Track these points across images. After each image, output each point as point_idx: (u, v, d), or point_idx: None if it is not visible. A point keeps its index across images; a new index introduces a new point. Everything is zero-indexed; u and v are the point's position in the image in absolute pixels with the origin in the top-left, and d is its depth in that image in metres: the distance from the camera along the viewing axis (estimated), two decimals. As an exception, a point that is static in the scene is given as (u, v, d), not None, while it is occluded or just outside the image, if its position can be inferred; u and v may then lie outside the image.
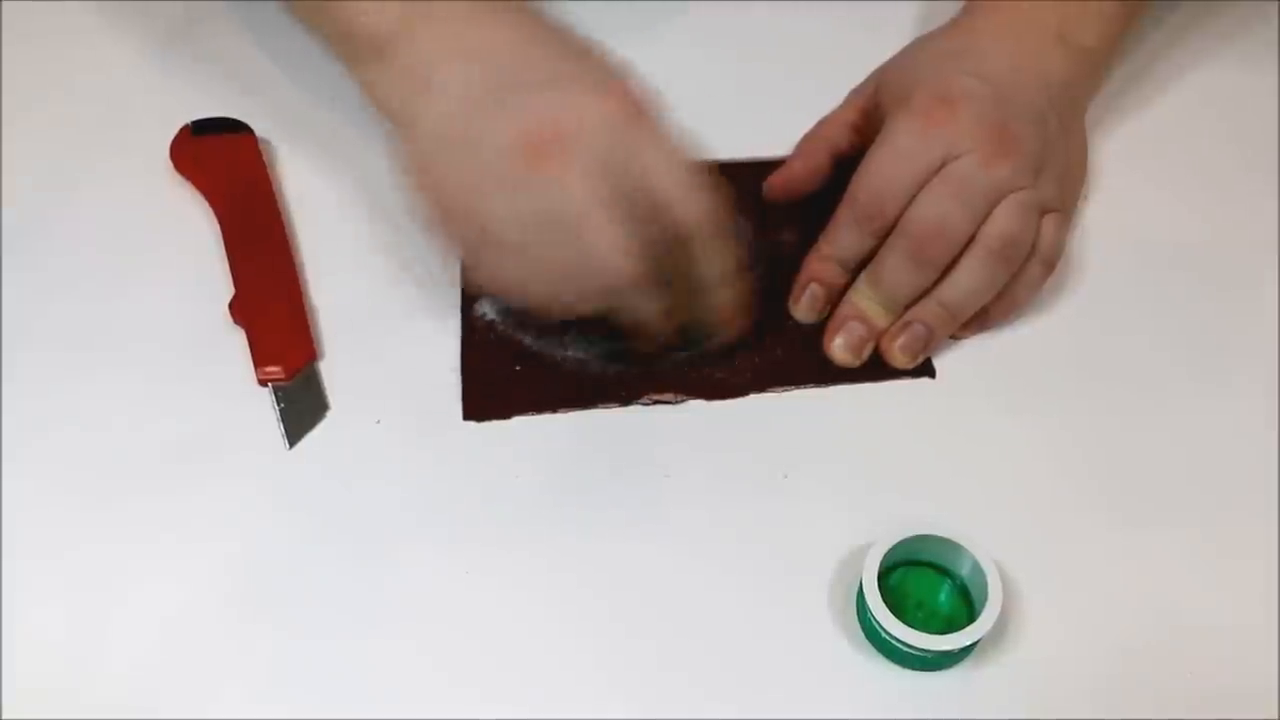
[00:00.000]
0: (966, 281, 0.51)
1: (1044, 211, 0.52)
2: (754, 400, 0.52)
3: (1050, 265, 0.53)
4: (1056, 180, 0.53)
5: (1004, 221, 0.50)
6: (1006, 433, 0.51)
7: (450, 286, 0.55)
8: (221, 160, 0.58)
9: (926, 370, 0.53)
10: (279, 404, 0.52)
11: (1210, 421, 0.51)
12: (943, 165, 0.50)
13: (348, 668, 0.47)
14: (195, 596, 0.48)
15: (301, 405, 0.52)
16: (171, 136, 0.58)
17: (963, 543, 0.46)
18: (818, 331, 0.53)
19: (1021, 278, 0.52)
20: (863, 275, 0.52)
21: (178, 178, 0.58)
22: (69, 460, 0.51)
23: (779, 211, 0.56)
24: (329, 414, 0.52)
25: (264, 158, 0.58)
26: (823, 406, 0.52)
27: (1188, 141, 0.59)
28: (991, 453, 0.51)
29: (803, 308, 0.54)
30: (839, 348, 0.53)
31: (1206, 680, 0.46)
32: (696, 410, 0.52)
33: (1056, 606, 0.47)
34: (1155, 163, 0.58)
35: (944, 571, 0.48)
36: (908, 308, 0.52)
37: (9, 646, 0.47)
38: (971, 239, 0.51)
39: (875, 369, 0.53)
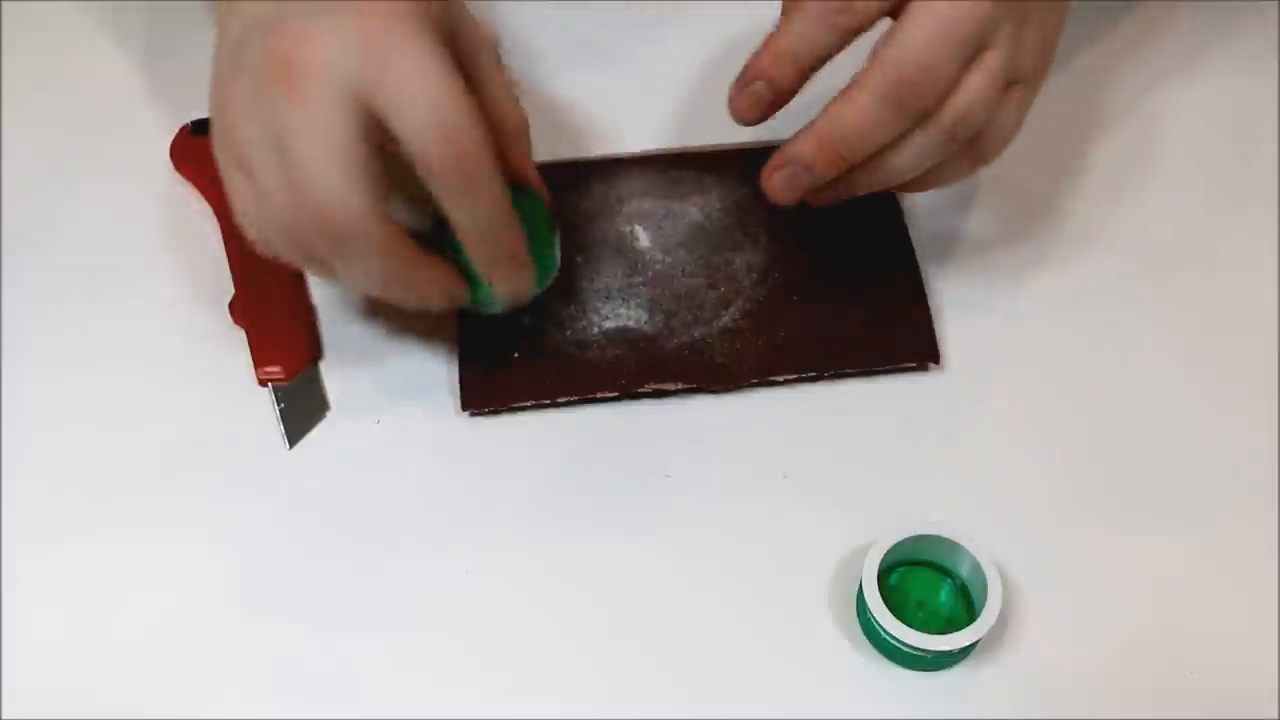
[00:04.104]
0: (911, 159, 0.46)
1: (1012, 82, 0.46)
2: (754, 398, 0.52)
3: (988, 160, 0.47)
4: (1039, 39, 0.46)
5: (970, 98, 0.44)
6: (1007, 433, 0.51)
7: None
8: (221, 160, 0.58)
9: (932, 357, 0.52)
10: (279, 404, 0.52)
11: (1211, 422, 0.51)
12: None
13: (348, 667, 0.47)
14: (195, 596, 0.48)
15: (301, 405, 0.52)
16: (171, 136, 0.58)
17: (963, 543, 0.46)
18: (822, 315, 0.53)
19: (948, 167, 0.47)
20: (826, 114, 0.45)
21: (178, 178, 0.58)
22: (69, 460, 0.51)
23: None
24: (329, 414, 0.52)
25: (264, 158, 0.58)
26: (822, 405, 0.52)
27: (1188, 142, 0.59)
28: (992, 452, 0.51)
29: (741, 107, 0.47)
30: (780, 189, 0.47)
31: (1206, 680, 0.46)
32: (696, 409, 0.52)
33: (1056, 606, 0.47)
34: (1156, 163, 0.58)
35: (944, 571, 0.48)
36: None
37: (9, 646, 0.47)
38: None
39: (880, 356, 0.52)
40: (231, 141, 0.44)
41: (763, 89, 0.46)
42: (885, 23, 0.45)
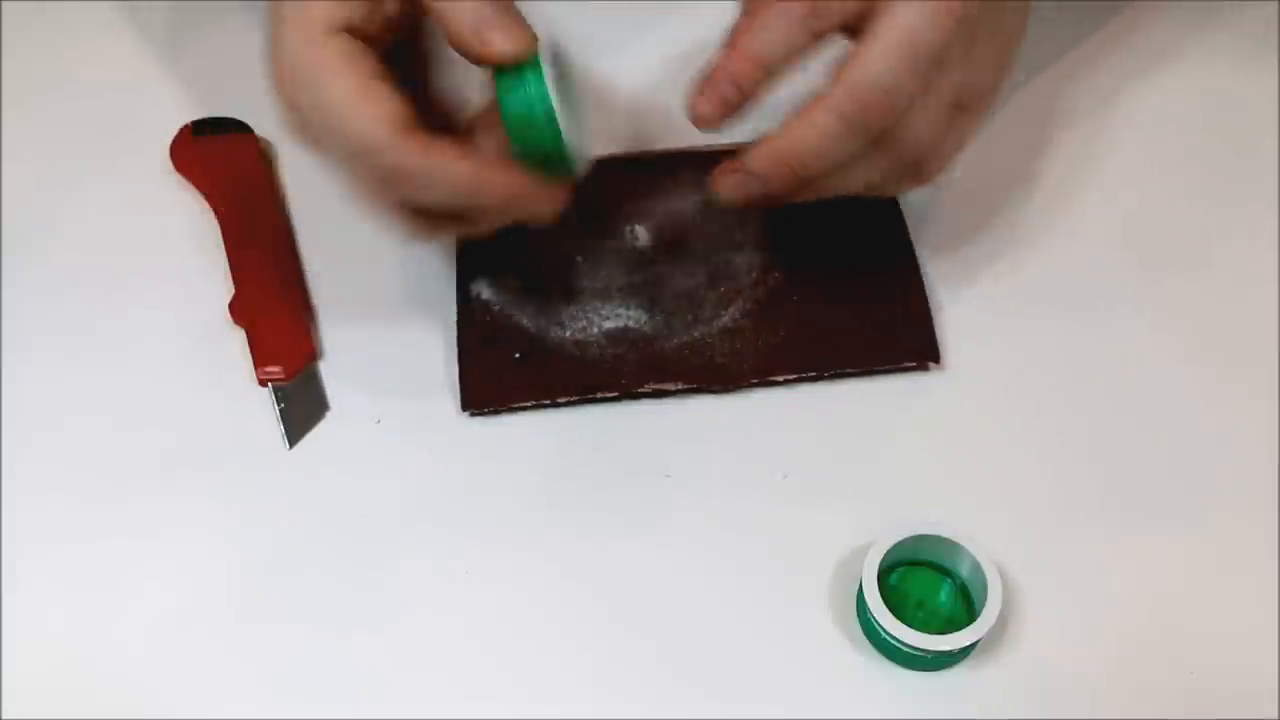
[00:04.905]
0: (858, 179, 0.46)
1: (961, 106, 0.46)
2: (754, 398, 0.52)
3: (929, 180, 0.48)
4: (989, 62, 0.46)
5: (922, 121, 0.45)
6: (1006, 433, 0.51)
7: (449, 281, 0.55)
8: (221, 160, 0.58)
9: (932, 357, 0.52)
10: (279, 404, 0.52)
11: (1211, 422, 0.51)
12: None
13: (348, 667, 0.47)
14: (195, 596, 0.48)
15: (301, 405, 0.52)
16: (171, 136, 0.59)
17: (963, 543, 0.46)
18: (822, 315, 0.53)
19: (889, 183, 0.48)
20: (785, 133, 0.45)
21: (178, 178, 0.58)
22: (69, 460, 0.51)
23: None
24: (329, 414, 0.52)
25: (264, 158, 0.58)
26: (822, 405, 0.52)
27: (1188, 141, 0.59)
28: (991, 452, 0.51)
29: (705, 110, 0.45)
30: (728, 193, 0.47)
31: (1206, 680, 0.46)
32: (696, 409, 0.52)
33: (1056, 606, 0.47)
34: (1156, 162, 0.58)
35: (944, 571, 0.48)
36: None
37: (9, 646, 0.47)
38: None
39: (880, 356, 0.52)
40: (272, 70, 0.45)
41: (730, 94, 0.45)
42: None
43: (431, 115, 0.46)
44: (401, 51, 0.46)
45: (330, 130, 0.43)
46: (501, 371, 0.52)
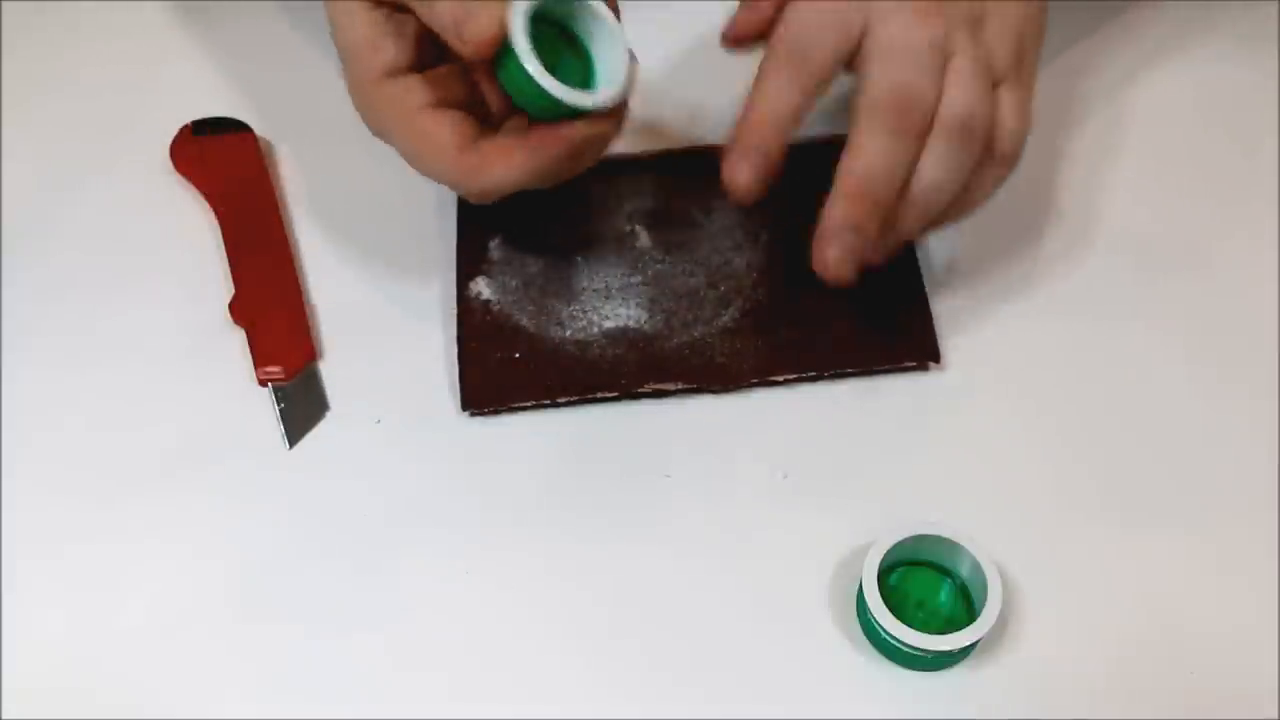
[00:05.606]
0: (937, 172, 0.47)
1: (996, 81, 0.47)
2: (754, 398, 0.52)
3: (1010, 161, 0.48)
4: (1005, 35, 0.48)
5: (958, 94, 0.46)
6: (1007, 433, 0.51)
7: (449, 281, 0.55)
8: (221, 160, 0.58)
9: (932, 357, 0.52)
10: (279, 404, 0.52)
11: (1211, 421, 0.51)
12: (866, 20, 0.46)
13: (348, 668, 0.47)
14: (195, 596, 0.48)
15: (301, 405, 0.52)
16: (171, 136, 0.59)
17: (963, 543, 0.46)
18: (822, 315, 0.53)
19: (978, 179, 0.48)
20: (839, 174, 0.47)
21: (178, 178, 0.58)
22: (69, 460, 0.51)
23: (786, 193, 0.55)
24: (329, 414, 0.52)
25: (264, 158, 0.58)
26: (822, 405, 0.52)
27: (1189, 141, 0.59)
28: (992, 452, 0.51)
29: (745, 180, 0.47)
30: (837, 264, 0.47)
31: (1206, 680, 0.46)
32: (696, 409, 0.52)
33: (1056, 606, 0.47)
34: (1156, 163, 0.58)
35: (944, 571, 0.48)
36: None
37: (9, 646, 0.47)
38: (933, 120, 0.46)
39: (880, 356, 0.52)
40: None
41: (759, 158, 0.47)
42: None
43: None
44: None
45: (414, 166, 0.49)
46: (501, 371, 0.52)
